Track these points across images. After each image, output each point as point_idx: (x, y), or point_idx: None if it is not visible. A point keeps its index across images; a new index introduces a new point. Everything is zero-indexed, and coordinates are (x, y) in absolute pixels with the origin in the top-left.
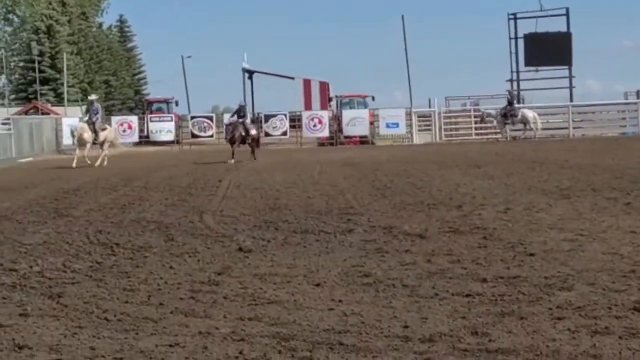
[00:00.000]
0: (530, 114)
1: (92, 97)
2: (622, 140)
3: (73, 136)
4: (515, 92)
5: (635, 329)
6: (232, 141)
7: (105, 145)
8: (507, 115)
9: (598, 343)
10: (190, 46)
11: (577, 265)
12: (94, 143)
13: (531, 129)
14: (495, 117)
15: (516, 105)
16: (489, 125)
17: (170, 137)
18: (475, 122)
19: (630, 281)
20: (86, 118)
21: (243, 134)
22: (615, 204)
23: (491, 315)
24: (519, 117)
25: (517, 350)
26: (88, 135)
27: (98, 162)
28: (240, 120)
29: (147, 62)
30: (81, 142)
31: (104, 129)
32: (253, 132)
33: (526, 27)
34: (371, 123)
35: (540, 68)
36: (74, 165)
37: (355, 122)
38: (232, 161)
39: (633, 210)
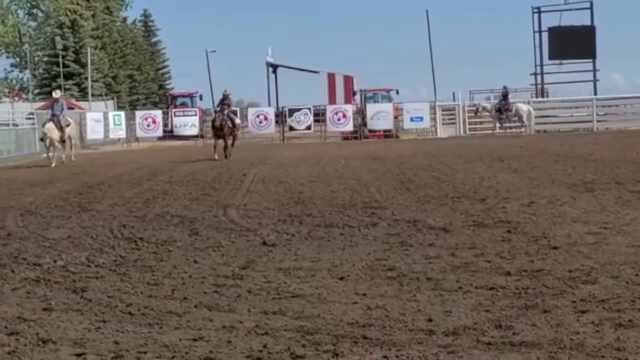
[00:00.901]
0: (524, 108)
1: (56, 94)
2: None
3: (45, 138)
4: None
5: None
6: (218, 135)
7: (70, 142)
8: (502, 109)
9: (622, 336)
10: (214, 40)
11: (601, 259)
12: (62, 141)
13: (526, 124)
14: (490, 111)
15: (511, 100)
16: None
17: (194, 131)
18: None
19: None
20: (48, 116)
21: (230, 125)
22: (639, 197)
23: (515, 309)
24: (513, 111)
25: (540, 344)
26: (56, 134)
27: (65, 159)
28: (225, 111)
29: (171, 57)
30: (52, 143)
31: (68, 125)
32: (237, 121)
33: (550, 20)
34: (395, 117)
35: (564, 61)
36: (53, 165)
37: (380, 116)
38: (217, 156)
39: None
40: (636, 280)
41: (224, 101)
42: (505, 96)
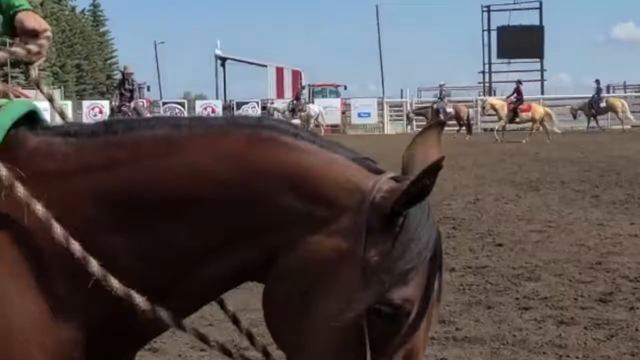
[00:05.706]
0: (315, 109)
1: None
2: (591, 134)
3: None
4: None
5: (600, 320)
6: None
7: None
8: (295, 110)
9: (564, 333)
10: (163, 32)
11: (545, 257)
12: None
13: (320, 123)
14: (283, 112)
15: (303, 101)
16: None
17: None
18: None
19: (597, 273)
20: None
21: None
22: (583, 196)
23: (459, 305)
24: (306, 112)
25: (483, 339)
26: None
27: None
28: (130, 105)
29: (119, 47)
30: None
31: None
32: (147, 114)
33: (499, 19)
34: (343, 112)
35: (512, 60)
36: None
37: (327, 111)
38: None
39: (600, 203)
40: (579, 278)
41: (125, 84)
42: (298, 98)
